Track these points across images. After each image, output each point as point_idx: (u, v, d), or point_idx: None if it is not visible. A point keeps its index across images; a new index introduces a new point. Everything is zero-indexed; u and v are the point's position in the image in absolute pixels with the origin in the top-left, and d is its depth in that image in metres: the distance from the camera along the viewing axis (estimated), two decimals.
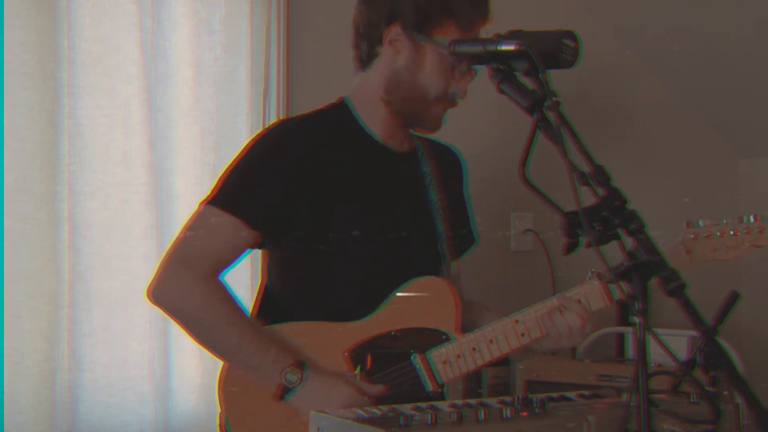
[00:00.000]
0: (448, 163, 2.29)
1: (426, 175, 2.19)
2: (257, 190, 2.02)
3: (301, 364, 1.98)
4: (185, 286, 1.99)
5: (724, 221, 2.10)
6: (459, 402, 1.72)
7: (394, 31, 2.06)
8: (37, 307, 2.57)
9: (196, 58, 2.82)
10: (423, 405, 1.70)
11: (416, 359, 2.03)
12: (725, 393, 1.56)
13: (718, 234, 2.06)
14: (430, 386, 2.03)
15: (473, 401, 1.73)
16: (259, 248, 2.16)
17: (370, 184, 2.10)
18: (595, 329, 2.09)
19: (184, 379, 2.77)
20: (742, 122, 3.70)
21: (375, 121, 2.15)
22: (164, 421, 2.73)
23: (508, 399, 1.71)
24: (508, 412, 1.60)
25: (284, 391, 1.97)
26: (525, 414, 1.63)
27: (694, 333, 1.90)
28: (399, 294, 2.06)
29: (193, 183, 2.80)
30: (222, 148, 2.84)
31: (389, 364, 2.04)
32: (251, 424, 2.02)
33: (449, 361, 2.03)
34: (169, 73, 2.79)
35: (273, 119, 2.93)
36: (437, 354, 2.04)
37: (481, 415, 1.57)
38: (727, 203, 3.85)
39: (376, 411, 1.61)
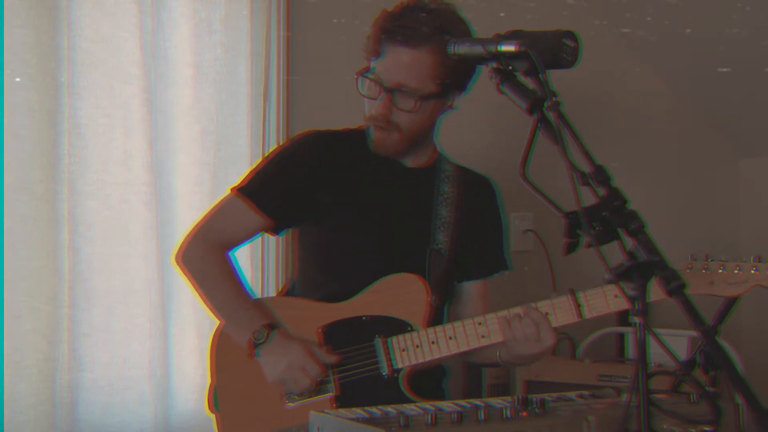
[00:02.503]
0: (479, 191, 2.41)
1: (442, 193, 2.34)
2: (271, 182, 2.30)
3: (271, 326, 2.20)
4: (198, 252, 2.31)
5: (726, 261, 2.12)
6: (459, 401, 1.72)
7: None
8: (37, 307, 2.58)
9: (196, 58, 2.82)
10: (424, 404, 1.70)
11: (378, 342, 2.20)
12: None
13: (720, 270, 2.07)
14: (385, 369, 2.19)
15: (473, 401, 1.73)
16: (275, 234, 2.42)
17: (373, 191, 2.30)
18: (558, 342, 2.19)
19: (184, 379, 2.78)
20: (742, 123, 3.70)
21: None
22: (164, 421, 2.73)
23: (508, 399, 1.71)
24: (508, 412, 1.60)
25: (252, 347, 2.19)
26: (525, 414, 1.63)
27: (694, 333, 1.90)
28: (376, 284, 2.23)
29: (193, 183, 2.80)
30: (222, 148, 2.84)
31: (356, 344, 2.21)
32: (235, 380, 2.25)
33: (407, 349, 2.19)
34: (169, 73, 2.79)
35: (273, 119, 2.94)
36: (397, 340, 2.20)
37: (481, 415, 1.57)
38: (728, 203, 3.85)
39: (376, 411, 1.61)
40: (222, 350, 2.28)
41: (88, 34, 2.67)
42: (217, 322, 2.30)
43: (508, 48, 1.59)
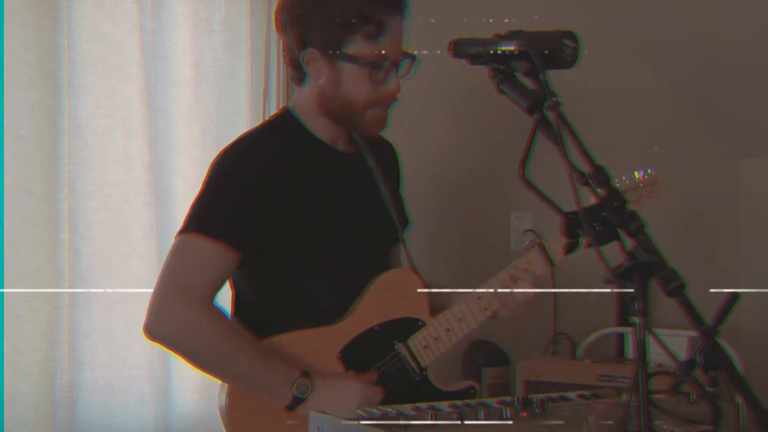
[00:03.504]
0: (386, 154, 2.37)
1: (373, 169, 2.27)
2: (229, 211, 2.05)
3: (306, 374, 2.01)
4: (187, 320, 1.99)
5: (624, 178, 2.31)
6: (459, 402, 1.72)
7: (310, 54, 2.11)
8: (37, 307, 2.57)
9: (196, 58, 2.82)
10: (423, 405, 1.70)
11: (400, 348, 2.15)
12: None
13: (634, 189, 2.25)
14: (414, 371, 2.14)
15: (473, 401, 1.73)
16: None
17: (330, 185, 2.17)
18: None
19: (184, 379, 2.77)
20: (742, 123, 3.70)
21: (319, 127, 2.20)
22: (164, 421, 2.73)
23: (508, 399, 1.71)
24: (508, 412, 1.60)
25: (296, 403, 2.00)
26: (525, 414, 1.63)
27: (694, 333, 1.90)
28: (370, 291, 2.15)
29: (193, 183, 2.80)
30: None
31: (376, 357, 2.13)
32: None
33: (429, 345, 2.16)
34: (169, 73, 2.79)
35: None
36: (416, 340, 2.16)
37: (481, 415, 1.57)
38: (728, 203, 3.85)
39: (376, 411, 1.61)
40: (239, 413, 2.04)
41: (88, 34, 2.67)
42: (223, 384, 2.07)
43: (508, 48, 1.59)
